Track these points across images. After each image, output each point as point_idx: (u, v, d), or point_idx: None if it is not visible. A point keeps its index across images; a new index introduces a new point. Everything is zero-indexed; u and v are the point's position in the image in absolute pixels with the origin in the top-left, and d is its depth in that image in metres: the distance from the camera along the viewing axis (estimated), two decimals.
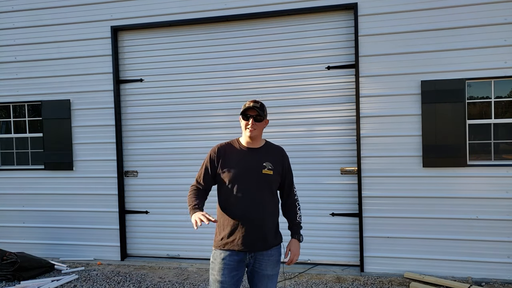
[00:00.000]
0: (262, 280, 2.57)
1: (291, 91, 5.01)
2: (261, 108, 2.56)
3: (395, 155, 4.65)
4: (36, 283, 4.58)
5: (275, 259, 2.60)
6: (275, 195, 2.65)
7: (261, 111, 2.55)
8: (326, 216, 4.98)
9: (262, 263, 2.55)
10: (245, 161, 2.55)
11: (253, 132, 2.54)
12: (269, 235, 2.57)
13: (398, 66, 4.61)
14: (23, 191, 5.70)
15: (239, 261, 2.53)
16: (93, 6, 5.36)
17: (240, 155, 2.58)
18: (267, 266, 2.56)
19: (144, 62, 5.40)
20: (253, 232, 2.51)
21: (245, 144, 2.61)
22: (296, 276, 4.71)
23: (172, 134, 5.35)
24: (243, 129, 2.58)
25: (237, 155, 2.58)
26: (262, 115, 2.56)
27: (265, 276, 2.57)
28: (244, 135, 2.60)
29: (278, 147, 2.71)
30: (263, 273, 2.56)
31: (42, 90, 5.56)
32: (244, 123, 2.56)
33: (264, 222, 2.54)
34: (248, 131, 2.55)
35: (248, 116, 2.54)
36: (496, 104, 4.48)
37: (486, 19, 4.38)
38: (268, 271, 2.56)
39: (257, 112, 2.54)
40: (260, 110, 2.55)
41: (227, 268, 2.50)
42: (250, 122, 2.53)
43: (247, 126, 2.54)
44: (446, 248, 4.55)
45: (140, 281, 4.70)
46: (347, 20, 4.81)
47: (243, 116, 2.57)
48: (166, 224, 5.40)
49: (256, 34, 5.07)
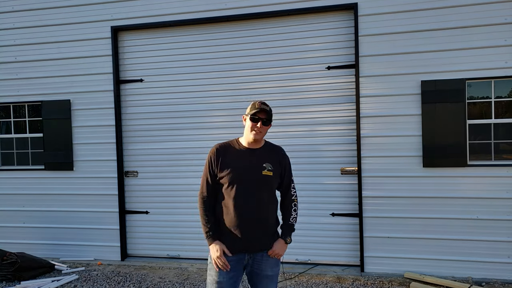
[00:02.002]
0: (262, 280, 2.57)
1: (291, 91, 5.01)
2: (271, 111, 2.53)
3: (395, 155, 4.65)
4: (36, 283, 4.58)
5: (274, 260, 2.59)
6: (274, 196, 2.63)
7: (270, 115, 2.52)
8: (326, 216, 4.98)
9: (261, 264, 2.55)
10: (245, 162, 2.52)
11: (259, 135, 2.50)
12: (268, 236, 2.57)
13: (398, 66, 4.61)
14: (23, 191, 5.70)
15: (237, 262, 2.53)
16: (93, 6, 5.36)
17: (240, 155, 2.55)
18: (266, 267, 2.55)
19: (144, 62, 5.40)
20: (252, 233, 2.50)
21: (246, 144, 2.58)
22: (296, 276, 4.71)
23: (172, 134, 5.35)
24: (248, 130, 2.52)
25: (237, 155, 2.55)
26: (271, 119, 2.53)
27: (265, 277, 2.56)
28: (247, 136, 2.54)
29: (278, 147, 2.69)
30: (263, 273, 2.55)
31: (42, 90, 5.56)
32: (250, 124, 2.49)
33: (263, 222, 2.54)
34: (254, 134, 2.49)
35: (258, 119, 2.48)
36: (496, 104, 4.48)
37: (486, 19, 4.38)
38: (268, 271, 2.56)
39: (267, 116, 2.50)
40: (269, 113, 2.51)
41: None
42: (259, 125, 2.47)
43: (255, 129, 2.48)
44: (446, 248, 4.55)
45: (140, 281, 4.70)
46: (347, 20, 4.81)
47: (252, 117, 2.49)
48: (166, 224, 5.41)
49: (256, 34, 5.07)
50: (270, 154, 2.60)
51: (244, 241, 2.49)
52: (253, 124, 2.48)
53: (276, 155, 2.62)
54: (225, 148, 2.58)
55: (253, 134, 2.49)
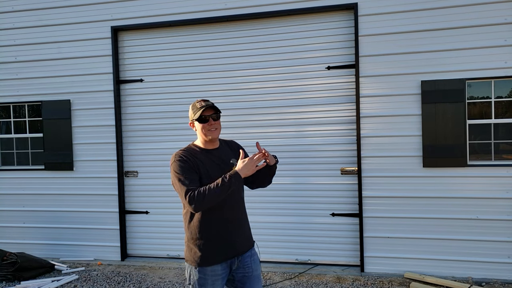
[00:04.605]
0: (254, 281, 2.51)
1: (291, 91, 5.01)
2: (214, 104, 2.40)
3: (395, 155, 4.65)
4: (36, 283, 4.58)
5: (257, 257, 2.58)
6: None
7: (217, 108, 2.40)
8: (326, 216, 4.98)
9: (251, 265, 2.51)
10: (215, 164, 2.41)
11: (216, 132, 2.40)
12: (249, 234, 2.57)
13: (398, 66, 4.61)
14: (23, 191, 5.70)
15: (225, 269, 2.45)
16: (93, 6, 5.36)
17: (207, 158, 2.41)
18: (257, 266, 2.54)
19: (144, 62, 5.40)
20: (240, 234, 2.48)
21: (204, 146, 2.45)
22: (296, 276, 4.71)
23: (173, 134, 5.35)
24: (202, 133, 2.39)
25: (205, 159, 2.39)
26: (218, 111, 2.41)
27: (256, 277, 2.53)
28: (203, 138, 2.42)
29: (232, 141, 2.65)
30: (254, 273, 2.51)
31: (42, 90, 5.56)
32: (201, 126, 2.37)
33: (245, 221, 2.54)
34: (211, 133, 2.37)
35: (207, 118, 2.36)
36: (496, 104, 4.48)
37: (486, 19, 4.38)
38: (258, 270, 2.54)
39: (214, 110, 2.39)
40: (215, 107, 2.39)
41: (220, 278, 2.43)
42: (211, 123, 2.37)
43: (210, 128, 2.37)
44: (446, 248, 4.55)
45: (140, 281, 4.70)
46: (347, 20, 4.81)
47: (200, 119, 2.35)
48: (166, 224, 5.41)
49: (256, 34, 5.07)
50: (230, 149, 2.56)
51: (234, 244, 2.44)
52: (204, 125, 2.37)
53: (234, 149, 2.57)
54: (190, 155, 2.37)
55: (210, 133, 2.38)
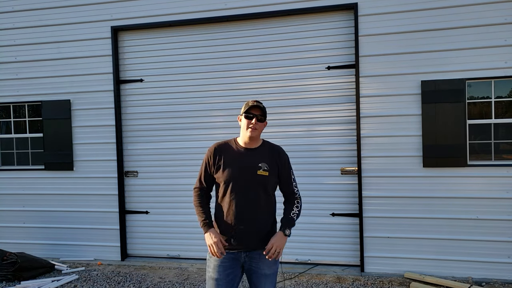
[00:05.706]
0: (260, 279, 2.58)
1: (291, 91, 5.01)
2: (264, 108, 2.58)
3: (395, 155, 4.65)
4: (36, 283, 4.58)
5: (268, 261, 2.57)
6: (271, 195, 2.63)
7: (264, 111, 2.57)
8: (326, 216, 4.98)
9: (259, 262, 2.56)
10: (240, 161, 2.55)
11: (255, 132, 2.53)
12: (262, 235, 2.57)
13: (398, 66, 4.61)
14: (23, 191, 5.70)
15: (233, 260, 2.55)
16: (93, 6, 5.36)
17: (236, 155, 2.58)
18: (264, 265, 2.56)
19: (144, 62, 5.40)
20: (248, 232, 2.52)
21: (243, 144, 2.60)
22: (296, 276, 4.71)
23: (172, 134, 5.35)
24: (244, 129, 2.55)
25: (234, 154, 2.58)
26: (265, 115, 2.58)
27: (263, 276, 2.57)
28: (244, 135, 2.57)
29: (276, 147, 2.69)
30: (261, 272, 2.57)
31: (42, 90, 5.56)
32: (246, 122, 2.53)
33: (258, 221, 2.55)
34: (249, 131, 2.52)
35: (252, 116, 2.53)
36: (496, 104, 4.48)
37: (486, 19, 4.38)
38: (266, 270, 2.57)
39: (261, 112, 2.55)
40: (263, 110, 2.57)
41: (221, 265, 2.54)
42: (253, 121, 2.51)
43: (250, 126, 2.51)
44: (446, 248, 4.55)
45: (140, 281, 4.70)
46: (347, 20, 4.81)
47: (246, 115, 2.54)
48: (166, 224, 5.41)
49: (256, 34, 5.07)
50: (267, 153, 2.61)
51: (239, 239, 2.52)
52: (248, 122, 2.52)
53: (273, 154, 2.62)
54: (223, 147, 2.62)
55: (249, 131, 2.52)
